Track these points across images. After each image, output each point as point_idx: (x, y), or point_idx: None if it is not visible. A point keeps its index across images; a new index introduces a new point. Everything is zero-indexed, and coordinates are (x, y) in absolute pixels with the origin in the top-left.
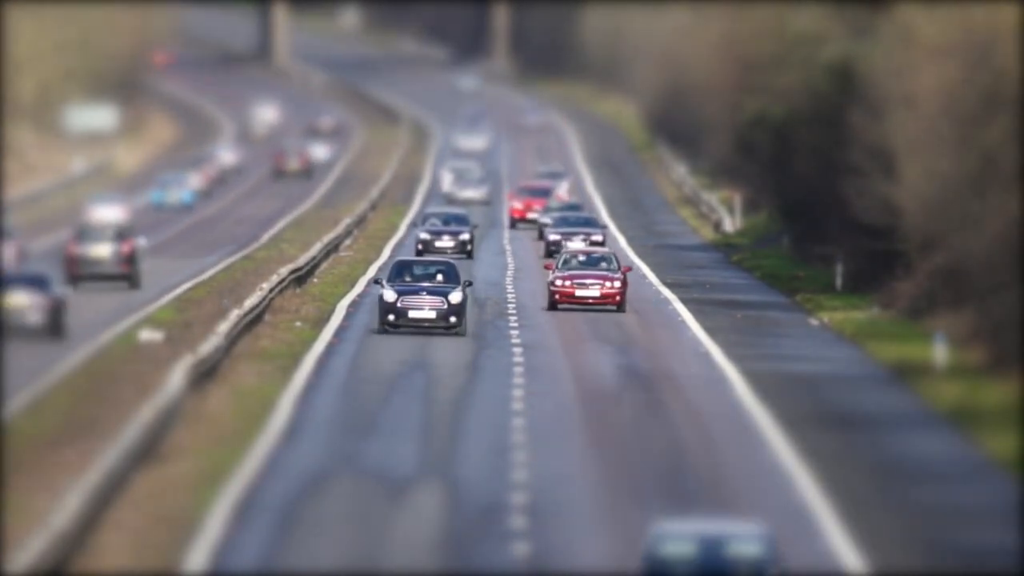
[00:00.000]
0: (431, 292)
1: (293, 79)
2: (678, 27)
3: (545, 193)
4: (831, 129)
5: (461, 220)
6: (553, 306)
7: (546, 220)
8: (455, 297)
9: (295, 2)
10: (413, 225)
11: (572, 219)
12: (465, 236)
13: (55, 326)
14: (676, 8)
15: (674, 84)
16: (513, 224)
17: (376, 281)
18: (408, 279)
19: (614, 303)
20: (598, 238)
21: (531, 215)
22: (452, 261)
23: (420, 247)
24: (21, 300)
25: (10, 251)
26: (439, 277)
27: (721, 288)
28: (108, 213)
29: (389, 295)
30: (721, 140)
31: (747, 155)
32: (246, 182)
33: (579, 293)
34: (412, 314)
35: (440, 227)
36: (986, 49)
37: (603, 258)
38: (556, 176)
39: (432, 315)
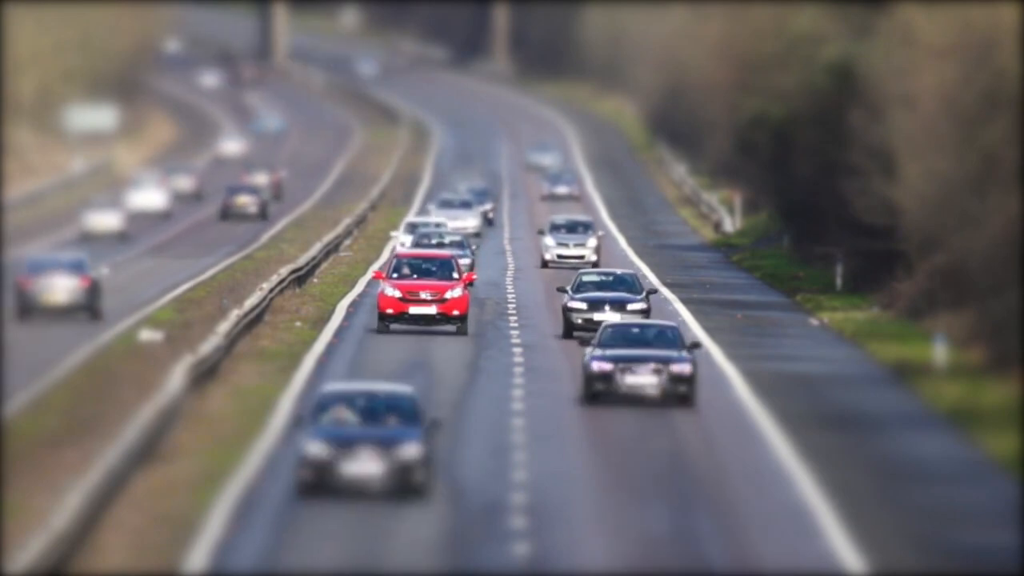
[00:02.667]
0: None
1: (293, 79)
2: (678, 27)
3: (445, 271)
4: (831, 129)
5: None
6: None
7: (575, 305)
8: None
9: (295, 2)
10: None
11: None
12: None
13: (263, 214)
14: (676, 8)
15: (674, 84)
16: (385, 324)
17: None
18: None
19: None
20: (638, 306)
21: (417, 310)
22: None
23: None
24: (246, 200)
25: (190, 182)
26: None
27: (721, 288)
28: (233, 147)
29: None
30: (721, 140)
31: (747, 155)
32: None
33: None
34: None
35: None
36: (986, 49)
37: None
38: (580, 228)
39: None
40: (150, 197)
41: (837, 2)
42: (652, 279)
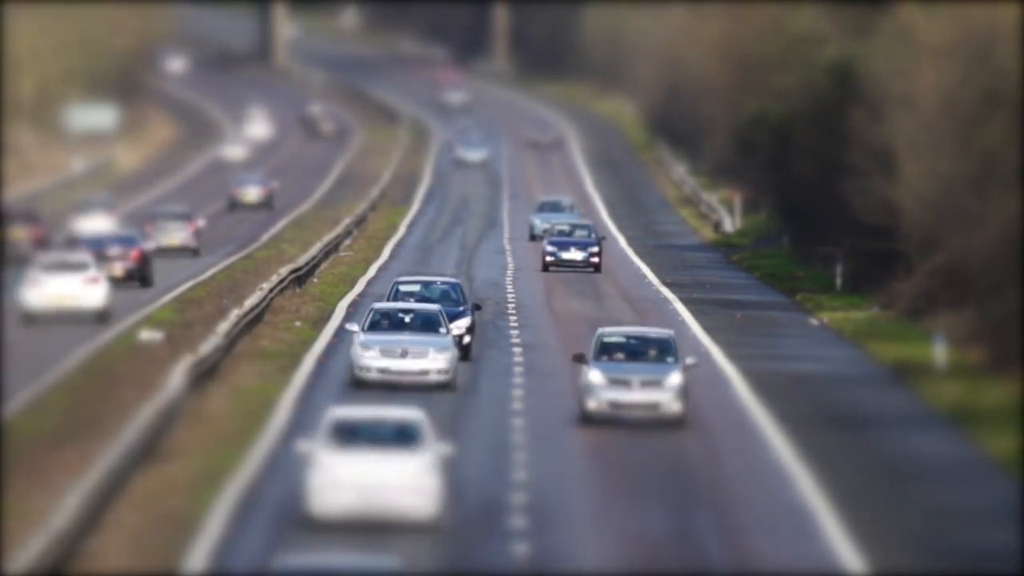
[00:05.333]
0: None
1: (292, 79)
2: (678, 27)
3: None
4: (831, 129)
5: None
6: None
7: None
8: None
9: (295, 2)
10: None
11: None
12: None
13: (340, 137)
14: (676, 8)
15: (674, 84)
16: None
17: None
18: None
19: None
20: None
21: None
22: None
23: None
24: (329, 128)
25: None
26: None
27: (721, 288)
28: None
29: None
30: (721, 140)
31: (747, 155)
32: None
33: None
34: None
35: None
36: (986, 49)
37: None
38: (653, 350)
39: None
40: (259, 129)
41: (837, 2)
42: (652, 278)
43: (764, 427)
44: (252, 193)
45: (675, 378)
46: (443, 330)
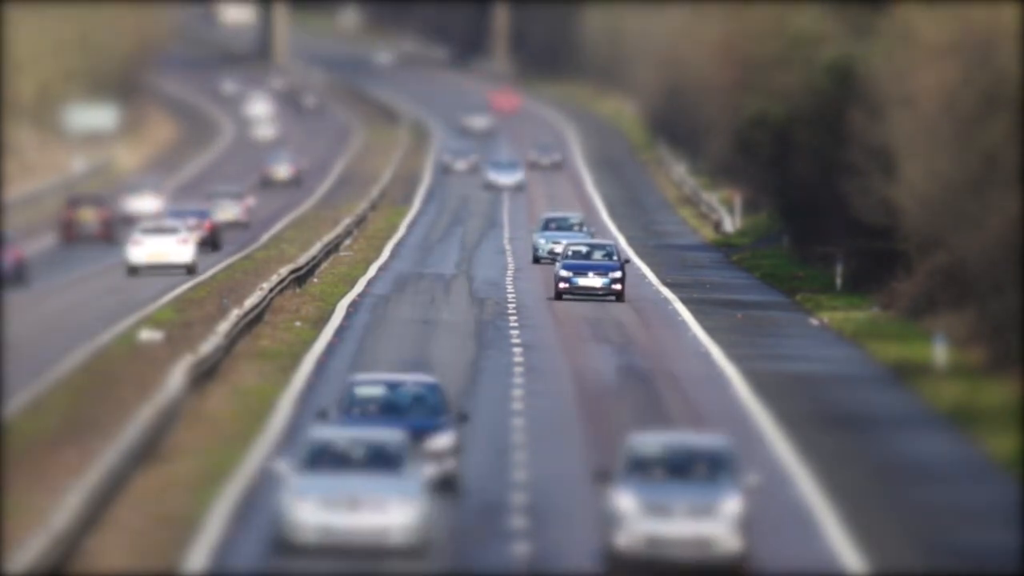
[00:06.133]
0: None
1: (293, 78)
2: (678, 27)
3: None
4: (831, 129)
5: None
6: None
7: None
8: None
9: (295, 2)
10: None
11: None
12: None
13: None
14: (676, 8)
15: (674, 84)
16: None
17: None
18: None
19: None
20: None
21: None
22: None
23: None
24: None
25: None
26: None
27: (721, 288)
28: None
29: None
30: (721, 140)
31: (747, 155)
32: None
33: None
34: None
35: None
36: (986, 49)
37: None
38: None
39: None
40: (261, 107)
41: (837, 2)
42: (652, 278)
43: (764, 427)
44: (283, 170)
45: (732, 504)
46: (409, 467)
